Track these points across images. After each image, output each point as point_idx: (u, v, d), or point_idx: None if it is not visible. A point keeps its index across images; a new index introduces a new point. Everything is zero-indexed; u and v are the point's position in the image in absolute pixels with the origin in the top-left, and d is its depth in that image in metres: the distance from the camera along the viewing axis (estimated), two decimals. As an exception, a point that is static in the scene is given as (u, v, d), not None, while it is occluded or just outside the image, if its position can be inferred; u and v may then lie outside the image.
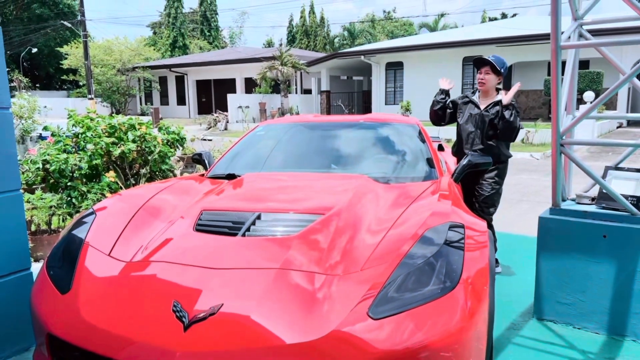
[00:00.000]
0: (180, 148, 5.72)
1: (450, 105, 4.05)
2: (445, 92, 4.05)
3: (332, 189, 2.79)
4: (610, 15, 3.41)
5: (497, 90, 3.91)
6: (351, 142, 3.71)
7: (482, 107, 3.85)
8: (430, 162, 3.35)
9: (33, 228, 4.38)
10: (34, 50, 34.46)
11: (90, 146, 4.63)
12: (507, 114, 3.65)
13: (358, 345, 1.67)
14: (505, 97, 3.68)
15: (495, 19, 43.01)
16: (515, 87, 3.72)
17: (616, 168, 3.18)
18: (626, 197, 2.96)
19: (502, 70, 3.81)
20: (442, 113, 4.06)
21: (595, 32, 3.45)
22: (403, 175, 3.25)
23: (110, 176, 4.59)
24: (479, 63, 3.84)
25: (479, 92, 3.95)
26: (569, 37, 3.18)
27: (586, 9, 3.21)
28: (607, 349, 2.83)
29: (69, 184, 4.46)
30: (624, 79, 2.71)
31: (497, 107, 3.75)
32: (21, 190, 2.81)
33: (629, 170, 3.11)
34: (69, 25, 27.74)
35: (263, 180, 3.12)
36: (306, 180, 3.08)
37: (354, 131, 3.85)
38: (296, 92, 27.47)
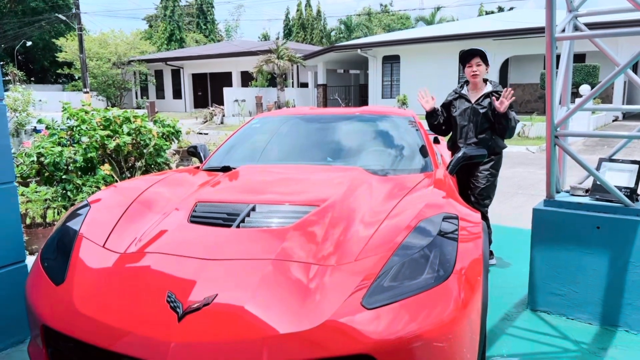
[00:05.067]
0: (176, 141, 5.70)
1: (444, 112, 3.99)
2: (434, 113, 3.93)
3: (328, 181, 2.79)
4: (605, 7, 3.40)
5: (485, 81, 3.90)
6: (347, 135, 3.71)
7: (473, 100, 3.83)
8: (425, 155, 3.35)
9: (28, 221, 4.37)
10: (29, 43, 34.14)
11: (85, 139, 4.61)
12: (504, 122, 3.65)
13: (352, 335, 1.67)
14: (501, 106, 3.58)
15: (492, 12, 42.93)
16: (509, 95, 3.56)
17: (610, 160, 3.19)
18: (620, 188, 2.97)
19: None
20: (445, 127, 4.04)
21: (591, 25, 3.44)
22: (398, 167, 3.26)
23: (105, 169, 4.57)
24: (468, 56, 3.79)
25: (467, 85, 3.95)
26: (564, 29, 3.18)
27: (581, 1, 3.21)
28: (599, 339, 2.85)
29: (63, 177, 4.44)
30: (618, 70, 2.72)
31: (489, 99, 3.75)
32: (15, 183, 2.80)
33: (622, 162, 3.11)
34: (64, 18, 27.51)
35: (258, 173, 3.12)
36: (301, 173, 3.08)
37: (349, 124, 3.84)
38: (293, 86, 27.39)
